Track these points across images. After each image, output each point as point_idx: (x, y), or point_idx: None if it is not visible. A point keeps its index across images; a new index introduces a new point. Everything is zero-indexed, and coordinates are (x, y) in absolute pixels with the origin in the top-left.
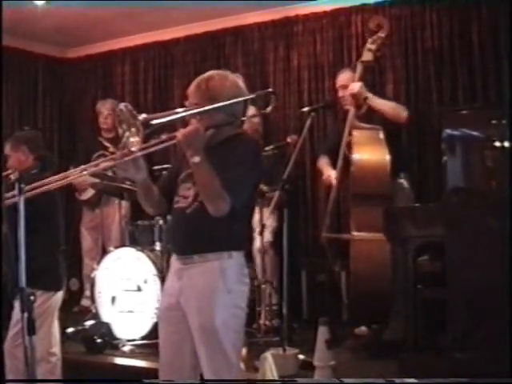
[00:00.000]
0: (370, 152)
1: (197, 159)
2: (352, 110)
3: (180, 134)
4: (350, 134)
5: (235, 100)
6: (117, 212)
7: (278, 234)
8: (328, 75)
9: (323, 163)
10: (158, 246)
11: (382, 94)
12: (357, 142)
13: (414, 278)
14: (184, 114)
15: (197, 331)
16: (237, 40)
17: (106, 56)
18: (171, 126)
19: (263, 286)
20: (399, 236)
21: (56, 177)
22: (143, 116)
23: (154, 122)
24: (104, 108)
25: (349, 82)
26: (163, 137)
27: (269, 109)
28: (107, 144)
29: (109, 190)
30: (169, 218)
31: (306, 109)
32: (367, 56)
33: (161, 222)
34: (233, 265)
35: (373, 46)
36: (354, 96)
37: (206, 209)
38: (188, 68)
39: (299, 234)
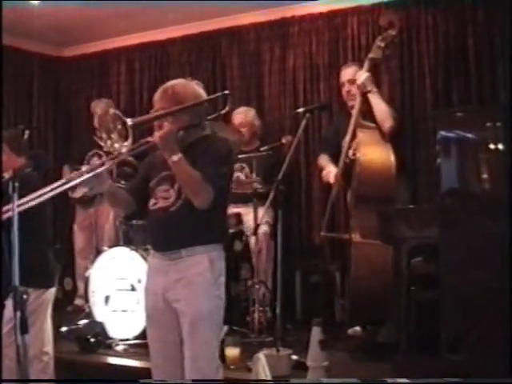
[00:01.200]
0: (375, 153)
1: (176, 157)
2: (356, 108)
3: (156, 136)
4: (354, 132)
5: (199, 101)
6: (111, 211)
7: (274, 229)
8: (323, 76)
9: (324, 160)
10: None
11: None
12: (362, 141)
13: (407, 280)
14: (161, 113)
15: (185, 322)
16: (233, 40)
17: (101, 55)
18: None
19: (257, 286)
20: (393, 237)
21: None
22: (132, 119)
23: (130, 122)
24: (98, 108)
25: (355, 76)
26: (142, 141)
27: (225, 110)
28: (102, 143)
29: None
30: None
31: (301, 109)
32: (376, 53)
33: None
34: (219, 257)
35: (382, 44)
36: (361, 86)
37: (190, 205)
38: (184, 68)
39: (293, 235)
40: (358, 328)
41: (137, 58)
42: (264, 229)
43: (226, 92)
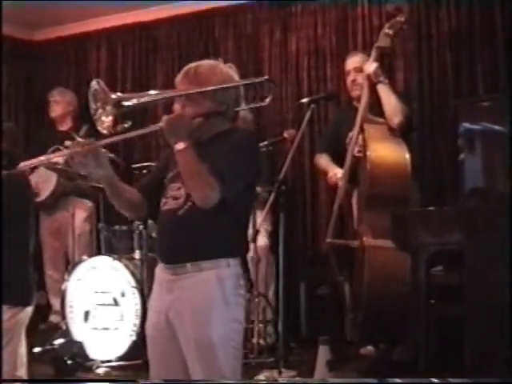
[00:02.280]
0: (387, 149)
1: (181, 146)
2: (364, 100)
3: (163, 120)
4: (361, 128)
5: (224, 86)
6: (84, 213)
7: (274, 237)
8: (330, 62)
9: (325, 161)
10: (137, 255)
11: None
12: (371, 137)
13: (426, 291)
14: (161, 96)
15: (191, 348)
16: (227, 22)
17: (79, 39)
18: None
19: (256, 299)
20: (410, 243)
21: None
22: (117, 95)
23: (127, 103)
24: (50, 96)
25: (362, 65)
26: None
27: (267, 100)
28: (64, 138)
29: (80, 191)
30: (150, 222)
31: (305, 100)
32: (384, 41)
33: (141, 227)
34: (231, 274)
35: (390, 31)
36: (370, 77)
37: (199, 209)
38: (172, 53)
39: (297, 242)
40: (370, 347)
41: (119, 41)
42: (263, 241)
43: (267, 77)
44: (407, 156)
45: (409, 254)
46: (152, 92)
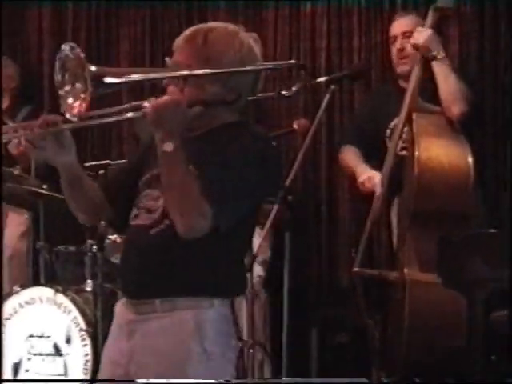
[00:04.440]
0: (443, 148)
1: (169, 147)
2: (413, 80)
3: (150, 105)
4: (408, 117)
5: (245, 68)
6: (14, 229)
7: (272, 267)
8: (358, 28)
9: (353, 158)
10: (89, 286)
11: None
12: (421, 131)
13: (485, 343)
14: (157, 75)
15: None
16: None
17: None
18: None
19: (251, 350)
20: (462, 278)
21: None
22: (95, 68)
23: (109, 80)
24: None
25: (413, 29)
26: (125, 106)
27: (293, 89)
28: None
29: (13, 197)
30: (107, 242)
31: (322, 79)
32: (445, 1)
33: (94, 248)
34: (214, 318)
35: None
36: (422, 49)
37: None
38: (141, 13)
39: (308, 272)
40: None
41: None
42: (257, 270)
43: (296, 62)
44: (470, 159)
45: (462, 293)
46: (139, 70)
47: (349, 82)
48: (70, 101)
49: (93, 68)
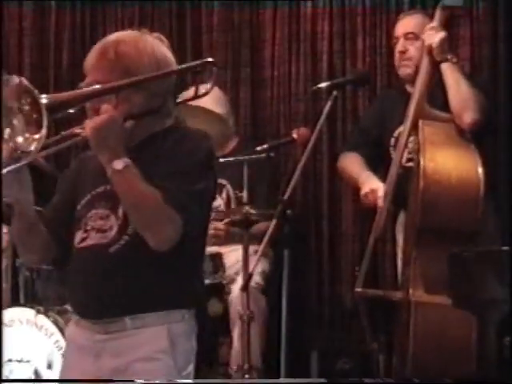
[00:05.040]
0: (451, 158)
1: (119, 164)
2: (420, 84)
3: (88, 126)
4: (415, 125)
5: (163, 72)
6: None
7: (271, 278)
8: (362, 30)
9: (356, 166)
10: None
11: None
12: (428, 140)
13: (498, 369)
14: (95, 89)
15: None
16: None
17: None
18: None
19: (246, 375)
20: (474, 298)
21: None
22: (47, 97)
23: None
24: None
25: (421, 31)
26: (65, 133)
27: (207, 87)
28: None
29: None
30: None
31: (323, 84)
32: None
33: None
34: (186, 331)
35: None
36: (434, 50)
37: (143, 244)
38: (128, 13)
39: (308, 292)
40: None
41: (52, 6)
42: (255, 281)
43: (210, 60)
44: (480, 171)
45: (474, 316)
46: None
47: (353, 88)
48: (26, 136)
49: (45, 100)
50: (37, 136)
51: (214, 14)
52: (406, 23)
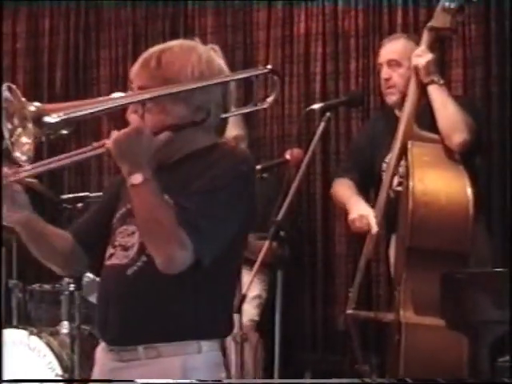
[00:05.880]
0: (440, 180)
1: (136, 179)
2: (408, 107)
3: (111, 139)
4: (403, 147)
5: (206, 82)
6: None
7: (266, 309)
8: (355, 51)
9: (347, 192)
10: (65, 328)
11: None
12: (417, 161)
13: None
14: (109, 105)
15: None
16: None
17: None
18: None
19: None
20: (467, 319)
21: None
22: (35, 105)
23: (49, 119)
24: None
25: (403, 57)
26: (95, 144)
27: (269, 100)
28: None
29: None
30: (86, 281)
31: (317, 106)
32: (442, 20)
33: (72, 286)
34: (203, 363)
35: (453, 5)
36: (421, 72)
37: (159, 269)
38: (123, 31)
39: (301, 313)
40: None
41: (46, 14)
42: (251, 312)
43: (270, 67)
44: (469, 191)
45: (466, 337)
46: (87, 101)
47: (346, 109)
48: (22, 141)
49: (31, 107)
50: (27, 145)
51: (207, 35)
52: (388, 50)
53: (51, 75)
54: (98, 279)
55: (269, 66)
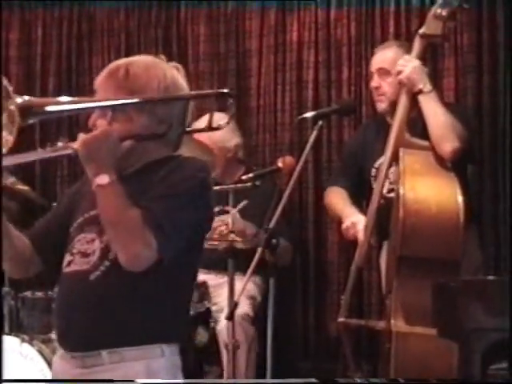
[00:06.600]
0: (431, 187)
1: (103, 179)
2: (399, 115)
3: (79, 140)
4: (395, 154)
5: (171, 96)
6: None
7: (260, 306)
8: (348, 59)
9: (339, 201)
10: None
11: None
12: (408, 169)
13: None
14: (80, 106)
15: None
16: None
17: None
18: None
19: None
20: (459, 327)
21: None
22: (23, 99)
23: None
24: None
25: (393, 65)
26: (59, 144)
27: (221, 124)
28: None
29: None
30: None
31: (309, 114)
32: (433, 27)
33: None
34: (166, 367)
35: (444, 12)
36: (407, 81)
37: (121, 272)
38: (115, 38)
39: (294, 321)
40: None
41: (39, 19)
42: (244, 309)
43: (226, 90)
44: (460, 199)
45: (457, 345)
46: (66, 99)
47: (338, 118)
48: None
49: (19, 99)
50: (9, 136)
51: (200, 43)
52: (378, 59)
53: (44, 82)
54: None
55: (225, 90)
